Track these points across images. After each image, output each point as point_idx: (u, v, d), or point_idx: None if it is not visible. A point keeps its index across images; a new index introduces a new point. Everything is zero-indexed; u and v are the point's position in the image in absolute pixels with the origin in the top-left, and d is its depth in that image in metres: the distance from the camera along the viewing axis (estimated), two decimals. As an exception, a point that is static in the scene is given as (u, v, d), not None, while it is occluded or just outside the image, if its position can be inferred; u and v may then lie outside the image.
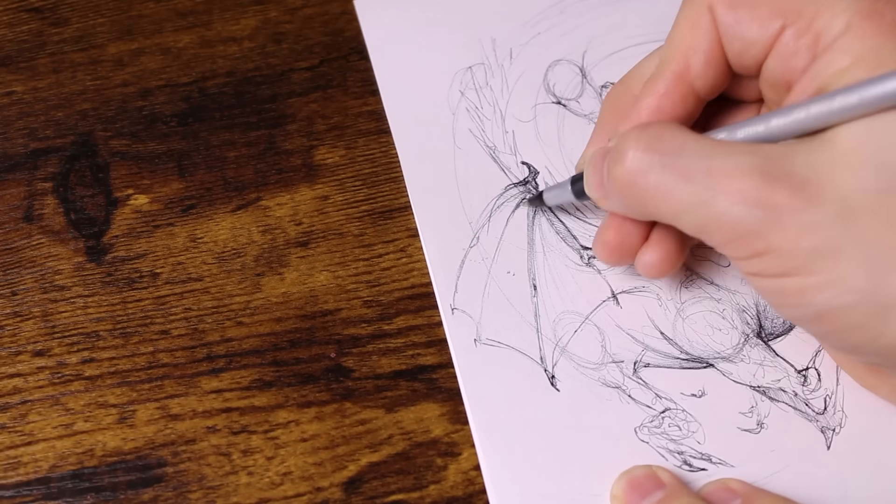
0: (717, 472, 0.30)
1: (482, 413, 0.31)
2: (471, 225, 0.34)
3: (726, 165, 0.24)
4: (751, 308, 0.32)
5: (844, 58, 0.24)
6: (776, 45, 0.26)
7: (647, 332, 0.32)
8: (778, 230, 0.24)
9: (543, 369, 0.31)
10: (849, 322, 0.24)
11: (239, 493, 0.30)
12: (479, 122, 0.37)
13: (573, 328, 0.32)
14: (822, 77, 0.25)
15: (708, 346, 0.32)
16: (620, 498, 0.29)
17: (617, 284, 0.33)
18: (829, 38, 0.25)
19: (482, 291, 0.33)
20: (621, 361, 0.31)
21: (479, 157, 0.36)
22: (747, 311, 0.32)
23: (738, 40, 0.27)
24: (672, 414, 0.30)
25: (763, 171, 0.24)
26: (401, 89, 0.38)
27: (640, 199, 0.27)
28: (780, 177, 0.24)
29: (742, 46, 0.27)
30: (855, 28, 0.24)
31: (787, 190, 0.24)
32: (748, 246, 0.25)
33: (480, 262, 0.33)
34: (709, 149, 0.25)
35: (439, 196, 0.35)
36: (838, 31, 0.24)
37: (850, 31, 0.24)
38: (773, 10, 0.26)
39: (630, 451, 0.30)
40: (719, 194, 0.24)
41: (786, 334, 0.32)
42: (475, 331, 0.32)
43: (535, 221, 0.34)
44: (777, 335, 0.32)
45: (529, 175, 0.35)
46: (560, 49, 0.38)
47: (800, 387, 0.31)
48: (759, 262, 0.25)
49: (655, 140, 0.26)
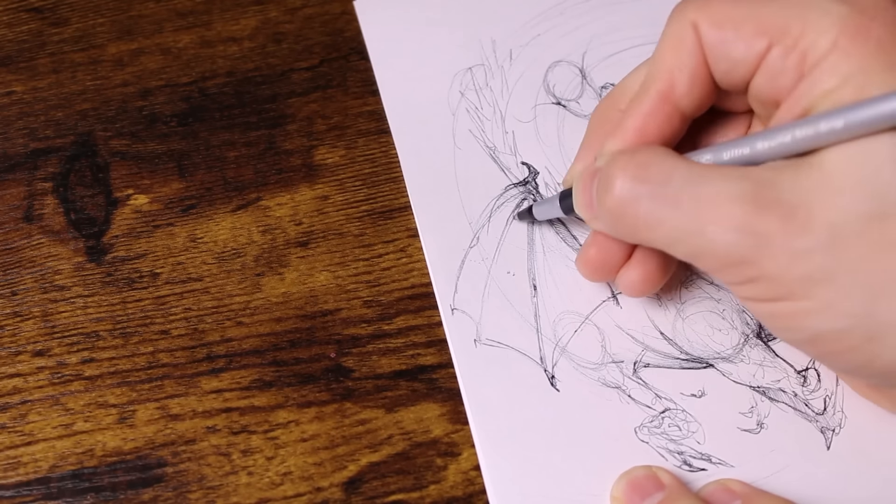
0: (716, 472, 0.30)
1: (482, 413, 0.31)
2: (471, 225, 0.34)
3: (715, 192, 0.24)
4: None
5: (831, 78, 0.24)
6: (763, 64, 0.26)
7: (647, 332, 0.32)
8: (769, 257, 0.24)
9: (543, 369, 0.31)
10: (843, 345, 0.24)
11: (239, 493, 0.30)
12: (479, 123, 0.37)
13: (573, 328, 0.32)
14: (808, 97, 0.24)
15: (708, 346, 0.32)
16: (620, 499, 0.29)
17: None
18: (816, 57, 0.24)
19: (482, 291, 0.33)
20: (621, 361, 0.31)
21: (479, 158, 0.36)
22: (747, 312, 0.32)
23: (723, 59, 0.26)
24: (672, 414, 0.31)
25: (752, 197, 0.24)
26: (401, 90, 0.38)
27: (631, 227, 0.27)
28: (768, 203, 0.24)
29: (728, 65, 0.26)
30: (841, 47, 0.24)
31: (776, 216, 0.23)
32: (740, 273, 0.25)
33: (480, 262, 0.33)
34: (697, 176, 0.25)
35: (439, 196, 0.35)
36: (824, 49, 0.24)
37: (837, 49, 0.24)
38: (759, 29, 0.25)
39: (630, 452, 0.30)
40: (709, 223, 0.24)
41: None
42: (475, 331, 0.32)
43: (535, 221, 0.34)
44: None
45: (529, 175, 0.35)
46: (560, 50, 0.38)
47: (799, 387, 0.31)
48: (752, 287, 0.25)
49: (643, 168, 0.26)
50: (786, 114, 0.25)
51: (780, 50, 0.25)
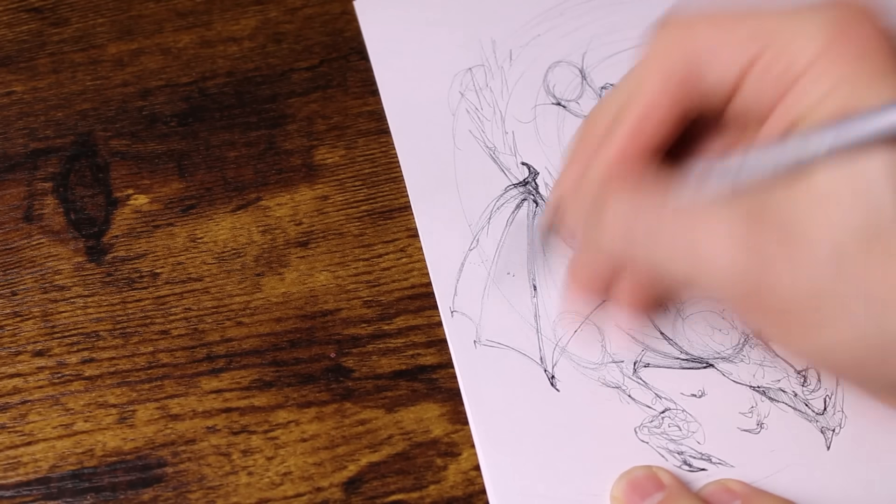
0: (717, 472, 0.30)
1: (482, 414, 0.31)
2: (470, 227, 0.34)
3: (710, 215, 0.24)
4: None
5: (817, 89, 0.23)
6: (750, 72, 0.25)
7: (647, 331, 0.32)
8: (772, 276, 0.23)
9: (543, 369, 0.31)
10: (853, 360, 0.24)
11: (239, 493, 0.30)
12: (479, 123, 0.37)
13: (573, 328, 0.32)
14: (796, 108, 0.24)
15: (708, 346, 0.32)
16: (620, 499, 0.29)
17: None
18: (803, 64, 0.24)
19: (482, 293, 0.33)
20: (621, 361, 0.31)
21: (479, 158, 0.36)
22: None
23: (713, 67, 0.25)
24: (672, 414, 0.31)
25: (748, 217, 0.24)
26: (401, 90, 0.37)
27: (625, 254, 0.26)
28: (766, 222, 0.23)
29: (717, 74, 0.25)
30: (826, 54, 0.23)
31: (775, 235, 0.23)
32: (741, 291, 0.24)
33: (480, 264, 0.33)
34: (690, 200, 0.25)
35: (439, 197, 0.35)
36: (812, 55, 0.23)
37: (823, 57, 0.23)
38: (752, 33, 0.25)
39: (630, 451, 0.30)
40: (708, 247, 0.24)
41: None
42: (475, 332, 0.32)
43: (535, 222, 0.34)
44: None
45: (529, 176, 0.35)
46: (560, 50, 0.38)
47: (799, 387, 0.31)
48: (755, 306, 0.25)
49: (635, 196, 0.25)
50: (773, 126, 0.25)
51: (770, 54, 0.24)
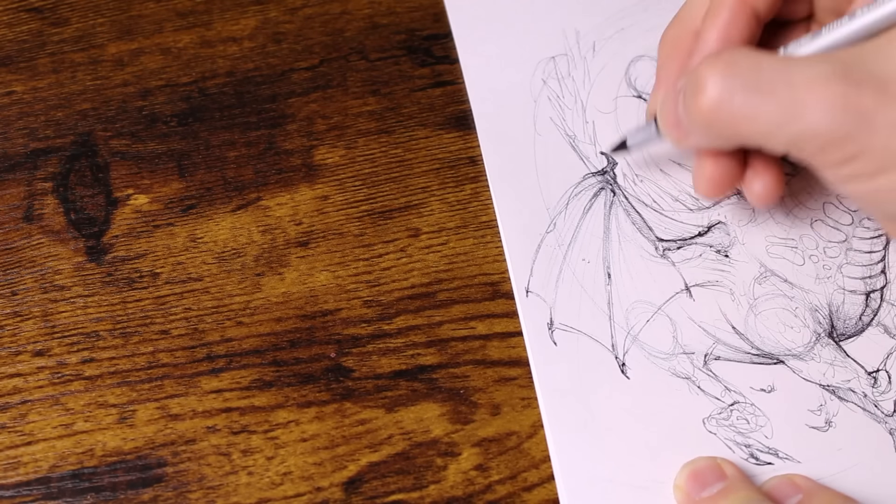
0: (783, 467, 0.30)
1: (552, 397, 0.31)
2: (548, 210, 0.34)
3: (808, 76, 0.25)
4: (823, 308, 0.32)
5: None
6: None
7: (719, 325, 0.32)
8: (869, 131, 0.24)
9: (614, 356, 0.32)
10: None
11: (239, 493, 0.30)
12: (560, 111, 0.37)
13: (645, 318, 0.32)
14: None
15: (779, 342, 0.32)
16: (682, 488, 0.29)
17: (690, 277, 0.33)
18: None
19: (557, 276, 0.33)
20: (692, 353, 0.32)
21: (558, 145, 0.36)
22: (820, 311, 0.32)
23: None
24: (741, 407, 0.31)
25: (844, 76, 0.24)
26: (484, 74, 0.38)
27: (728, 125, 0.27)
28: (861, 80, 0.24)
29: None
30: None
31: (871, 91, 0.24)
32: (841, 151, 0.25)
33: (556, 247, 0.34)
34: (786, 63, 0.26)
35: (518, 180, 0.35)
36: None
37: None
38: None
39: (697, 442, 0.30)
40: (807, 106, 0.25)
41: (857, 335, 0.32)
42: (549, 314, 0.32)
43: (611, 211, 0.34)
44: (849, 336, 0.32)
45: (608, 165, 0.35)
46: (642, 45, 0.38)
47: (870, 388, 0.31)
48: (853, 165, 0.25)
49: (732, 65, 0.26)
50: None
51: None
